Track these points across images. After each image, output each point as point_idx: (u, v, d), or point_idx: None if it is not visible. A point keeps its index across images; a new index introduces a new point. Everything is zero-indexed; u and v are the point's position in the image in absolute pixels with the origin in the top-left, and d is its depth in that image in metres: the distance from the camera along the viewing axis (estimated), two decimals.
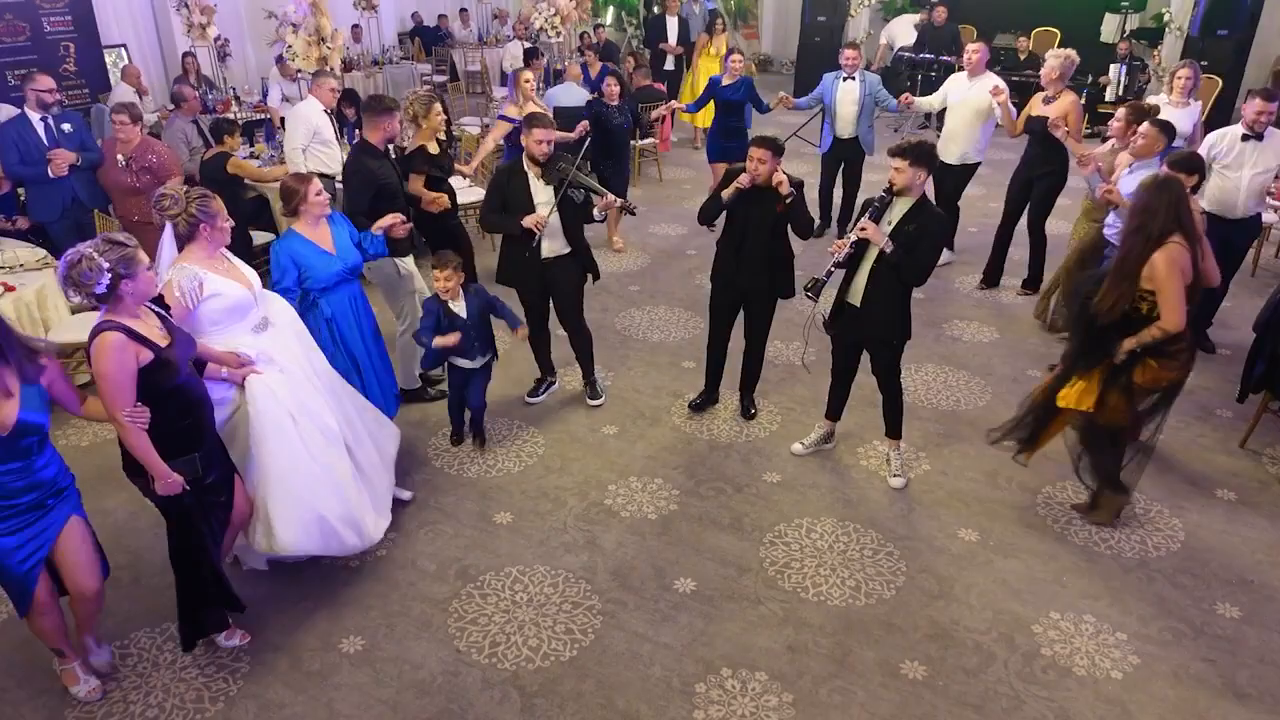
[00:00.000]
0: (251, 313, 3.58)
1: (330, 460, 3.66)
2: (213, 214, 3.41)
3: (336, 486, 3.66)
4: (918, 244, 4.03)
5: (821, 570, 3.93)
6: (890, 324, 4.24)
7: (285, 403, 3.52)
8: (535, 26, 11.49)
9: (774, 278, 4.74)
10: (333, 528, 3.64)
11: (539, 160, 4.69)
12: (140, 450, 3.00)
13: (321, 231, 4.13)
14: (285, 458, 3.50)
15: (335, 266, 4.12)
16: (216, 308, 3.46)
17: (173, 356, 3.01)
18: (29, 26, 9.81)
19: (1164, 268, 3.63)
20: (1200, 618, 3.67)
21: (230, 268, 3.57)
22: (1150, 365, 3.79)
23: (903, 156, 3.96)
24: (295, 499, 3.52)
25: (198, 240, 3.42)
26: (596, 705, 3.27)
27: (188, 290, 3.35)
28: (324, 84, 6.60)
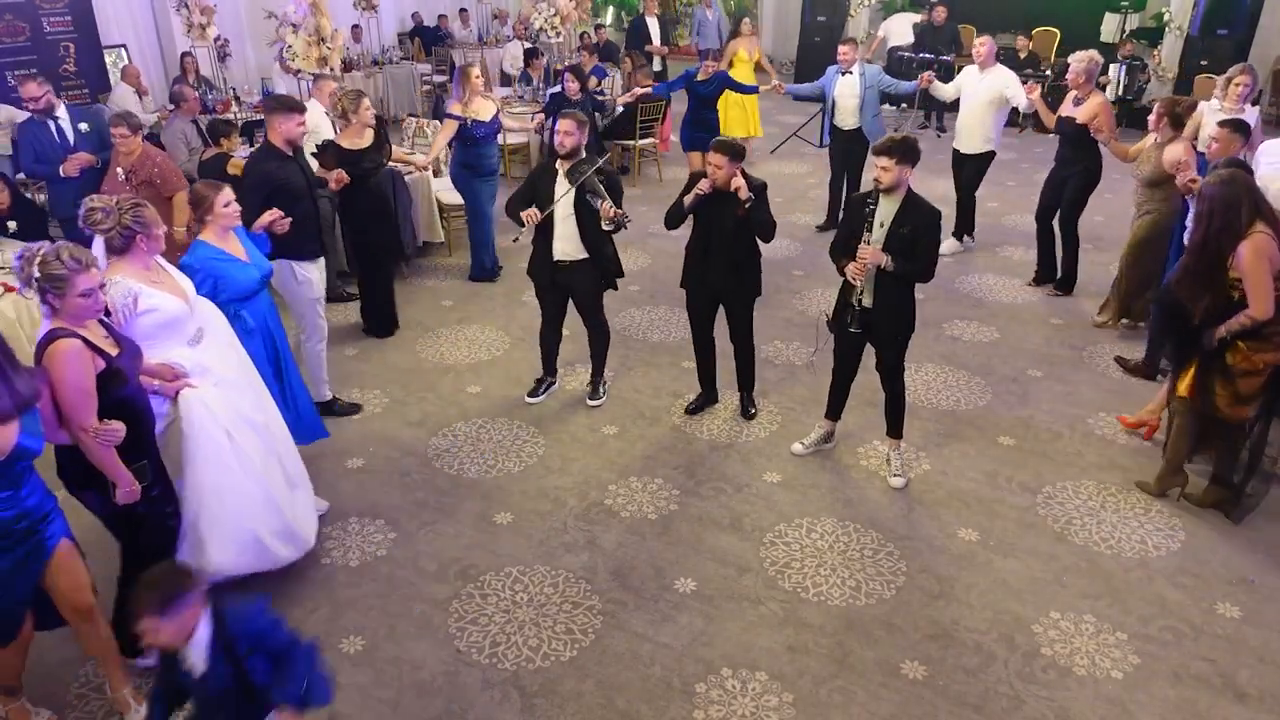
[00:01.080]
0: (187, 324, 3.46)
1: (268, 470, 3.61)
2: (148, 223, 3.27)
3: (271, 500, 3.60)
4: (915, 245, 4.03)
5: (822, 570, 3.94)
6: (898, 321, 4.25)
7: (221, 418, 3.43)
8: (535, 26, 11.49)
9: (743, 278, 4.75)
10: (266, 546, 3.59)
11: (562, 154, 4.74)
12: (107, 461, 2.92)
13: (231, 241, 3.96)
14: (219, 476, 3.41)
15: (253, 274, 3.98)
16: (152, 323, 3.33)
17: (123, 366, 2.94)
18: (29, 26, 9.81)
19: (1250, 256, 3.73)
20: (1200, 618, 3.67)
21: (164, 277, 3.43)
22: (1240, 349, 3.89)
23: (889, 155, 3.96)
24: (229, 519, 3.45)
25: (133, 252, 3.28)
26: (596, 705, 3.27)
27: (121, 305, 3.22)
28: (325, 87, 6.62)
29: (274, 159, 4.71)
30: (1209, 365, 3.99)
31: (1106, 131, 6.07)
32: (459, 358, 5.90)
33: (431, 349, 6.00)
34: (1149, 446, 4.84)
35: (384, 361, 5.83)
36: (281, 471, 3.72)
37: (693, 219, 4.74)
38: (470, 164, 6.68)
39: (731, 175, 4.46)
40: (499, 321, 6.42)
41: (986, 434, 4.97)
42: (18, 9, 9.65)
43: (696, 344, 5.10)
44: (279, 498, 3.64)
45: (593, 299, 5.07)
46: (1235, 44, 11.15)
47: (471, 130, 6.51)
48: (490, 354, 5.95)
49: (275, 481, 3.65)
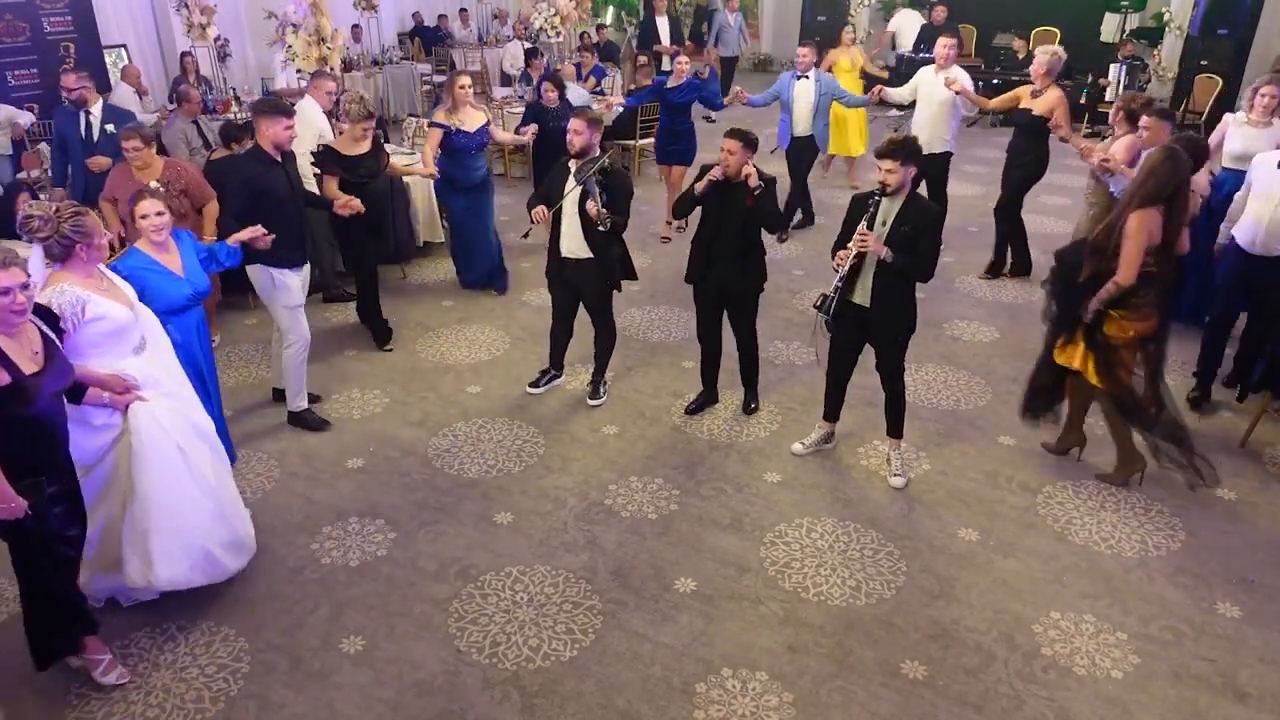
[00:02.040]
0: (133, 332, 3.40)
1: (221, 481, 3.60)
2: (88, 232, 3.18)
3: (223, 513, 3.58)
4: (916, 244, 4.04)
5: (822, 570, 3.93)
6: (899, 321, 4.25)
7: (173, 432, 3.38)
8: (535, 26, 11.49)
9: (747, 272, 4.77)
10: (216, 558, 3.58)
11: (574, 153, 4.81)
12: None
13: (169, 253, 3.88)
14: (171, 491, 3.38)
15: (183, 290, 3.88)
16: (99, 331, 3.26)
17: (34, 386, 2.78)
18: (29, 26, 9.81)
19: (1134, 224, 3.98)
20: (1200, 618, 3.67)
21: (110, 286, 3.36)
22: (1114, 318, 4.12)
23: (893, 157, 3.96)
24: (179, 533, 3.41)
25: (73, 261, 3.20)
26: (597, 705, 3.27)
27: (70, 313, 3.13)
28: (322, 85, 6.53)
29: (259, 163, 4.62)
30: (1092, 338, 4.21)
31: (1065, 126, 6.21)
32: (459, 358, 5.90)
33: (431, 349, 6.00)
34: None
35: (384, 361, 5.83)
36: (228, 480, 3.72)
37: (700, 211, 4.76)
38: (451, 176, 6.35)
39: (744, 163, 4.50)
40: (499, 321, 6.42)
41: (986, 434, 4.97)
42: (18, 9, 9.66)
43: (702, 341, 5.11)
44: (228, 511, 3.63)
45: (599, 299, 5.09)
46: (1235, 44, 11.15)
47: (454, 140, 6.20)
48: (490, 354, 5.95)
49: (224, 493, 3.63)
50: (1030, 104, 6.50)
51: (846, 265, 4.13)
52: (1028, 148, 6.65)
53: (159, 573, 3.39)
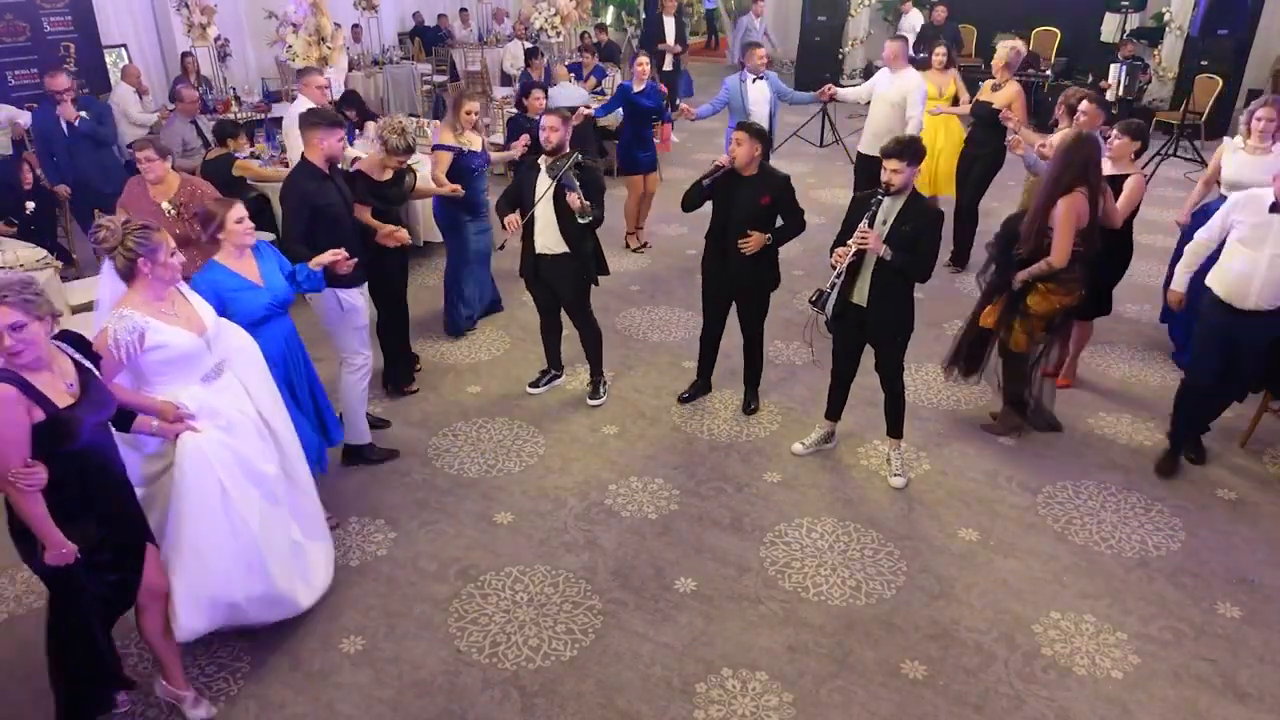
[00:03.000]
0: (202, 360, 3.20)
1: (268, 529, 3.33)
2: (154, 247, 3.00)
3: (259, 566, 3.30)
4: (916, 243, 4.04)
5: (822, 570, 3.94)
6: (897, 321, 4.26)
7: (219, 470, 3.15)
8: (535, 26, 11.49)
9: (757, 270, 4.76)
10: (243, 610, 3.32)
11: (548, 151, 4.76)
12: (31, 514, 2.62)
13: (246, 262, 3.68)
14: (204, 535, 3.14)
15: (263, 299, 3.67)
16: (160, 359, 3.08)
17: (72, 419, 2.63)
18: (29, 26, 9.81)
19: (1063, 210, 4.28)
20: (1200, 618, 3.67)
21: (180, 308, 3.17)
22: (1041, 290, 4.44)
23: (899, 157, 3.97)
24: (205, 582, 3.17)
25: (139, 279, 3.04)
26: (597, 705, 3.27)
27: (124, 343, 2.96)
28: (312, 81, 6.45)
29: (311, 179, 4.31)
30: (1012, 305, 4.52)
31: (1017, 118, 6.24)
32: (459, 358, 5.90)
33: (431, 349, 6.00)
34: (1149, 446, 4.84)
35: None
36: (291, 529, 3.45)
37: (712, 207, 4.77)
38: (462, 200, 5.75)
39: (752, 155, 4.52)
40: (499, 321, 6.42)
41: (986, 434, 4.97)
42: (18, 9, 9.66)
43: (704, 331, 5.14)
44: (273, 562, 3.35)
45: (576, 296, 5.07)
46: (1235, 44, 11.14)
47: (466, 161, 5.73)
48: (490, 354, 5.95)
49: (275, 542, 3.36)
50: (990, 97, 6.62)
51: (845, 263, 4.14)
52: (986, 139, 6.74)
53: (180, 621, 3.14)
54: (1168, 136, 10.52)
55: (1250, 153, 5.01)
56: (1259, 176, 4.66)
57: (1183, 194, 9.24)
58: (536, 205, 4.79)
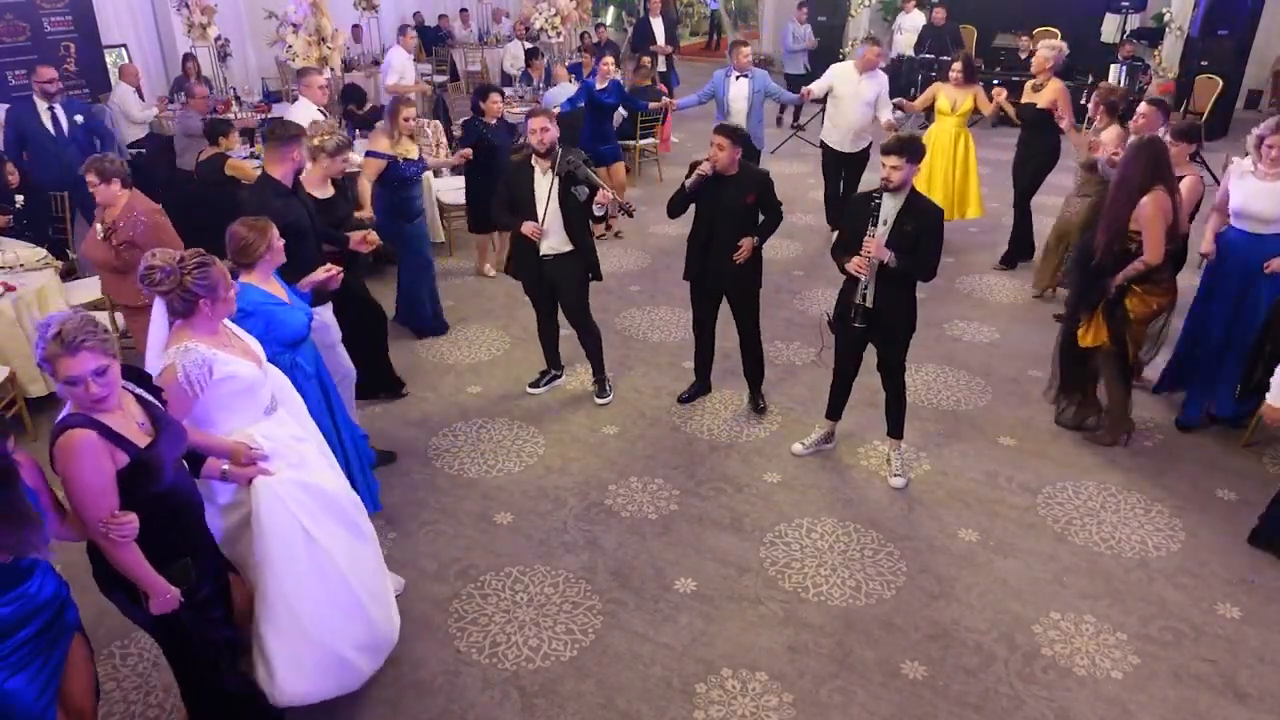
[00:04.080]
0: (264, 391, 3.04)
1: (354, 566, 3.10)
2: (214, 284, 2.82)
3: (356, 608, 3.08)
4: (919, 242, 4.04)
5: (822, 570, 3.93)
6: (899, 319, 4.26)
7: (299, 513, 2.93)
8: (535, 26, 11.49)
9: (741, 271, 4.75)
10: (349, 663, 3.09)
11: (542, 152, 4.71)
12: (129, 564, 2.49)
13: (273, 283, 3.54)
14: (291, 583, 2.91)
15: (301, 318, 3.55)
16: (229, 391, 2.91)
17: (155, 458, 2.49)
18: (29, 26, 9.81)
19: (1151, 208, 4.30)
20: (1200, 618, 3.67)
21: (234, 340, 3.01)
22: (1137, 293, 4.48)
23: (899, 154, 3.96)
24: (302, 635, 2.94)
25: (199, 315, 2.85)
26: (596, 705, 3.27)
27: (195, 377, 2.79)
28: (313, 82, 6.43)
29: (277, 195, 4.18)
30: (1111, 314, 4.54)
31: (1068, 117, 6.37)
32: (459, 358, 5.90)
33: (431, 349, 6.00)
34: (1150, 446, 4.84)
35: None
36: (368, 561, 3.21)
37: (694, 209, 4.77)
38: (398, 207, 5.76)
39: (733, 159, 4.53)
40: (499, 321, 6.43)
41: (986, 434, 4.97)
42: (18, 9, 9.66)
43: (696, 334, 5.15)
44: (366, 601, 3.10)
45: (578, 295, 5.05)
46: (1235, 44, 11.14)
47: (400, 170, 5.65)
48: (490, 354, 5.95)
49: (363, 579, 3.12)
50: (1033, 97, 6.73)
51: (870, 275, 4.13)
52: (1035, 140, 6.86)
53: (283, 686, 2.93)
54: None
55: (1261, 179, 4.63)
56: (1270, 205, 4.53)
57: None
58: (545, 206, 4.76)
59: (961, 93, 7.20)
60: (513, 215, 4.87)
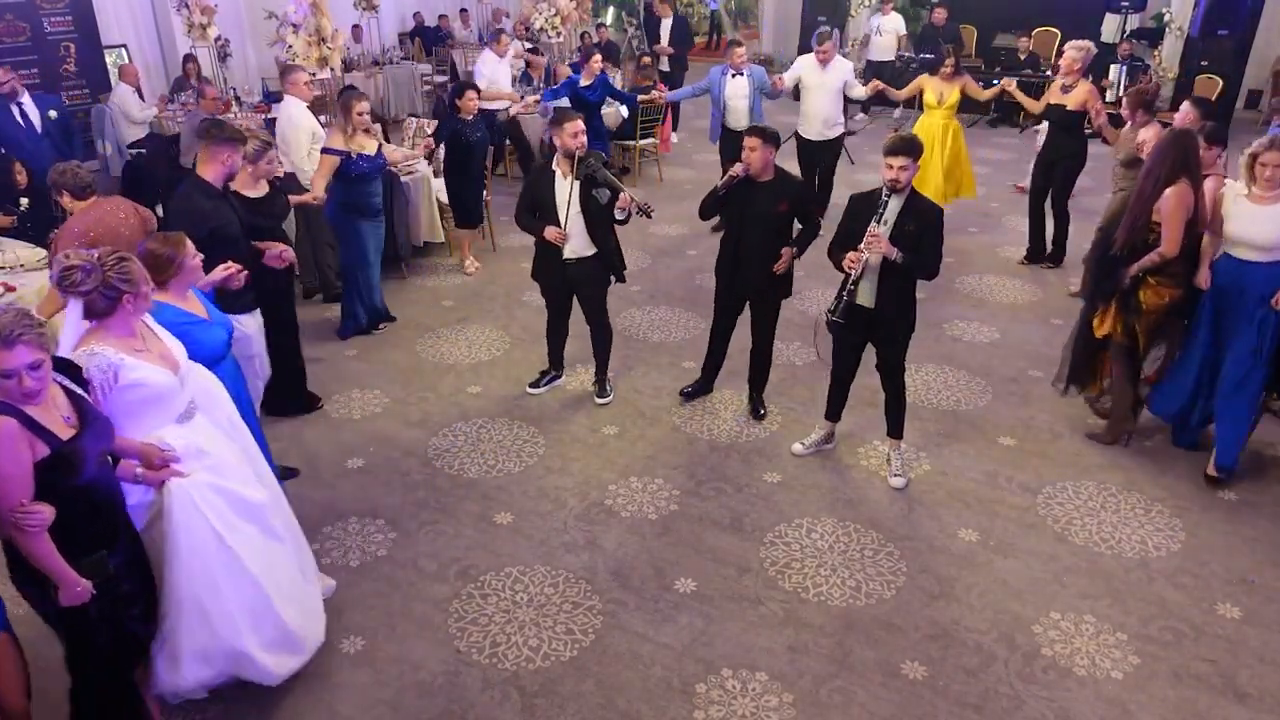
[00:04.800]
0: (177, 398, 2.97)
1: (271, 568, 3.13)
2: (135, 280, 2.76)
3: (266, 609, 3.10)
4: (921, 241, 4.04)
5: (822, 570, 3.93)
6: (898, 319, 4.25)
7: (211, 515, 2.95)
8: (535, 26, 11.50)
9: (771, 279, 4.74)
10: (255, 660, 3.11)
11: (570, 156, 4.70)
12: (39, 555, 2.45)
13: (191, 299, 3.41)
14: (201, 585, 2.94)
15: (220, 335, 3.44)
16: (136, 399, 2.84)
17: (76, 451, 2.46)
18: (29, 26, 9.81)
19: (1172, 201, 4.28)
20: (1200, 618, 3.67)
21: (152, 343, 2.93)
22: (1151, 284, 4.47)
23: (906, 154, 3.96)
24: (210, 634, 2.99)
25: (118, 315, 2.78)
26: (596, 705, 3.27)
27: (99, 381, 2.74)
28: (299, 79, 6.40)
29: (206, 197, 4.05)
30: (1125, 304, 4.56)
31: (1102, 115, 6.42)
32: (459, 358, 5.90)
33: (431, 349, 6.00)
34: (1150, 446, 4.84)
35: (384, 361, 5.83)
36: (290, 562, 3.27)
37: (725, 212, 4.78)
38: (353, 203, 5.70)
39: (766, 160, 4.50)
40: (499, 321, 6.43)
41: (986, 434, 4.97)
42: (18, 9, 9.66)
43: (713, 332, 5.16)
44: (279, 601, 3.15)
45: (599, 297, 5.08)
46: (1235, 44, 11.14)
47: (355, 166, 5.62)
48: (490, 354, 5.95)
49: (278, 579, 3.16)
50: (1062, 99, 6.73)
51: (859, 268, 4.12)
52: (1064, 142, 6.88)
53: (186, 674, 3.00)
54: None
55: (1256, 202, 4.24)
56: (1268, 230, 4.20)
57: None
58: (567, 211, 4.75)
59: (949, 86, 7.39)
60: (535, 220, 4.86)
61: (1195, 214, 4.34)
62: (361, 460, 4.75)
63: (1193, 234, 4.39)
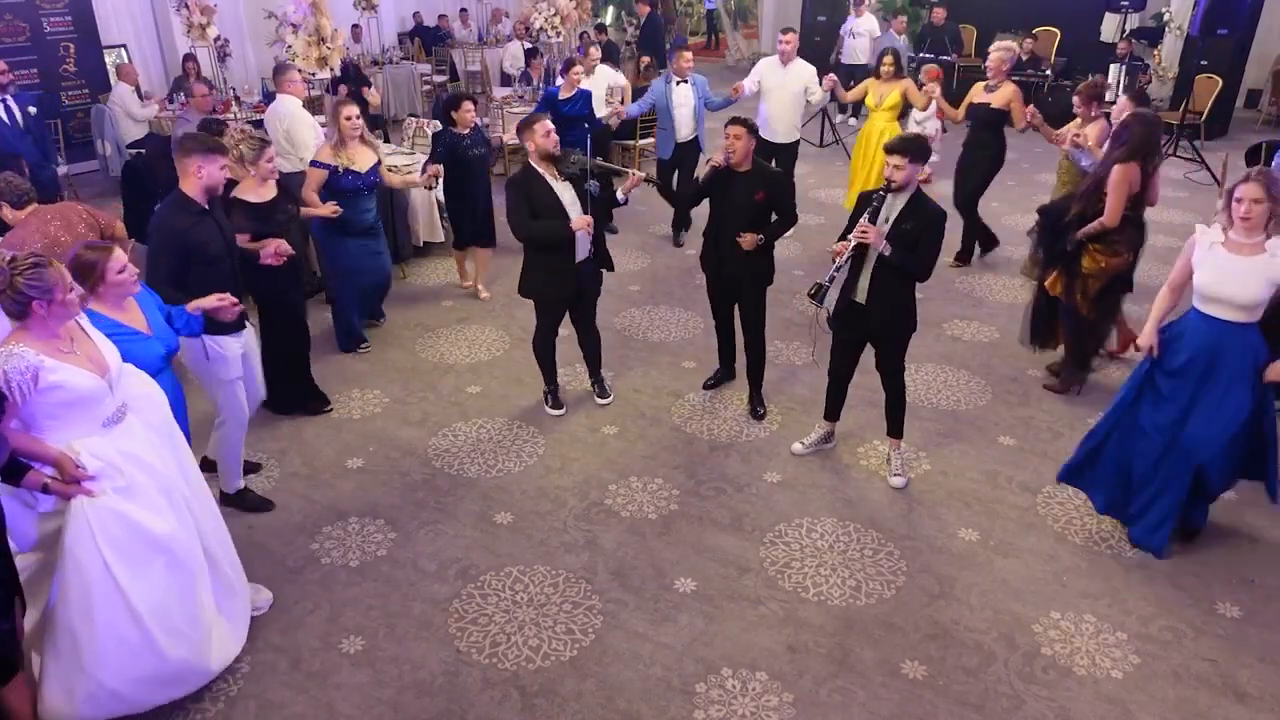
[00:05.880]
0: (103, 404, 2.90)
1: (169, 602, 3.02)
2: (48, 287, 2.70)
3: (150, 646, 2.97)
4: (918, 241, 4.04)
5: (822, 570, 3.93)
6: (896, 319, 4.25)
7: (104, 548, 2.84)
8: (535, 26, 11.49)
9: (751, 266, 4.79)
10: (123, 695, 2.99)
11: (550, 156, 4.64)
12: None
13: (130, 310, 3.31)
14: (80, 618, 2.85)
15: (156, 350, 3.31)
16: (56, 402, 2.78)
17: None
18: (29, 26, 9.82)
19: (1118, 176, 4.73)
20: (1200, 618, 3.67)
21: (81, 345, 2.88)
22: (1092, 252, 4.92)
23: (902, 153, 3.97)
24: (81, 666, 2.89)
25: (33, 318, 2.74)
26: (596, 705, 3.27)
27: (16, 383, 2.68)
28: (294, 77, 6.40)
29: (186, 214, 3.84)
30: (1070, 268, 5.01)
31: (1022, 117, 6.53)
32: (459, 358, 5.90)
33: (431, 349, 6.00)
34: None
35: (384, 361, 5.83)
36: (192, 596, 3.11)
37: (708, 204, 4.83)
38: (339, 223, 5.33)
39: (749, 150, 4.58)
40: (499, 321, 6.43)
41: (986, 434, 4.97)
42: (18, 9, 9.67)
43: (716, 324, 5.27)
44: (161, 639, 2.99)
45: (596, 296, 5.09)
46: (1235, 44, 11.14)
47: (341, 182, 5.28)
48: (490, 354, 5.95)
49: (170, 615, 3.03)
50: (987, 98, 6.78)
51: (844, 257, 4.15)
52: (987, 141, 6.91)
53: (48, 708, 2.92)
54: (1168, 136, 10.52)
55: (1234, 251, 3.54)
56: (1250, 287, 3.49)
57: (1183, 194, 9.26)
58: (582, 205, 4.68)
59: (887, 87, 7.27)
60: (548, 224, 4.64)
61: (1142, 193, 4.84)
62: (361, 460, 4.75)
63: (1138, 210, 4.91)
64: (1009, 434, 4.97)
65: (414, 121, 8.81)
